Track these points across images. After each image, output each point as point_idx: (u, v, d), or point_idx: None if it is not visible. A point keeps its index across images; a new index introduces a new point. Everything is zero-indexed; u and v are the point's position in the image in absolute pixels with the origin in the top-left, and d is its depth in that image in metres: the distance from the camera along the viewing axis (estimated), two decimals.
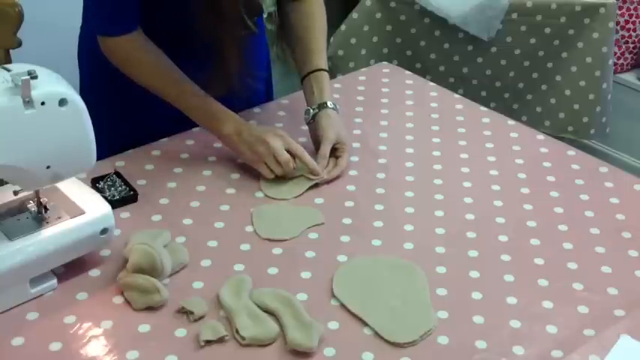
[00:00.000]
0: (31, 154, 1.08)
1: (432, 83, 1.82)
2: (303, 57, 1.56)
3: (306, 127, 1.59)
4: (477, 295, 1.18)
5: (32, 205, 1.18)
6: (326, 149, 1.44)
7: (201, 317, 1.12)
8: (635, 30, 2.93)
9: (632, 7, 2.87)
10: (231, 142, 1.42)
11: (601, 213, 1.38)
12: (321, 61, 1.55)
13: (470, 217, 1.36)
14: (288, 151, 1.40)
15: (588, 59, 2.58)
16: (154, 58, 1.42)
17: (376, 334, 1.11)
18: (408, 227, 1.33)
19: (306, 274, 1.21)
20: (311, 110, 1.50)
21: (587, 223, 1.35)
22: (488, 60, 2.64)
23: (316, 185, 1.42)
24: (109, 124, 1.52)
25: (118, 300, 1.15)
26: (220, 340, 1.08)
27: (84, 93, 1.56)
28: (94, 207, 1.18)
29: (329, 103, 1.50)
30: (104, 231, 1.18)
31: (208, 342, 1.08)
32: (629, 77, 3.01)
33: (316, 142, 1.49)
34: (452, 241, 1.29)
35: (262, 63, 1.66)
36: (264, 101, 1.69)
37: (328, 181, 1.43)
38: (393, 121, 1.64)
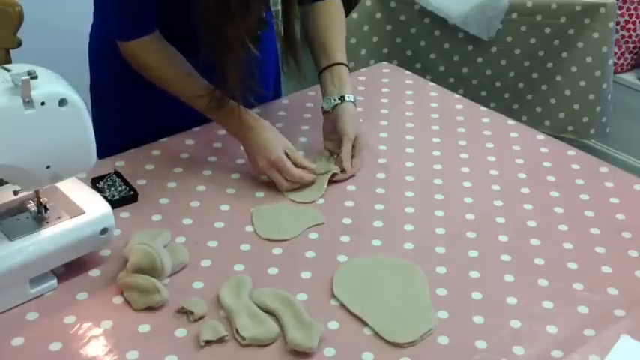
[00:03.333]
0: (31, 154, 1.08)
1: (432, 83, 1.82)
2: (321, 52, 1.54)
3: (306, 127, 1.59)
4: (476, 295, 1.18)
5: (32, 205, 1.18)
6: (348, 147, 1.43)
7: (201, 317, 1.12)
8: (635, 30, 2.93)
9: (632, 7, 2.87)
10: (248, 155, 1.43)
11: (601, 213, 1.38)
12: (340, 55, 1.53)
13: (470, 217, 1.36)
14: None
15: (588, 59, 2.58)
16: (167, 63, 1.41)
17: (376, 334, 1.11)
18: (408, 227, 1.33)
19: (306, 274, 1.21)
20: (332, 100, 1.47)
21: (587, 223, 1.35)
22: (488, 60, 2.64)
23: None
24: (118, 122, 1.53)
25: (118, 300, 1.15)
26: (220, 340, 1.08)
27: (95, 91, 1.57)
28: (94, 207, 1.18)
29: (350, 97, 1.48)
30: (104, 231, 1.18)
31: (208, 342, 1.08)
32: (629, 77, 3.02)
33: (330, 133, 1.48)
34: (452, 241, 1.29)
35: (264, 66, 1.65)
36: (271, 99, 1.68)
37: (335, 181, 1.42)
38: (393, 121, 1.64)
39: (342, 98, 1.47)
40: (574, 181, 1.46)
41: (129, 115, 1.56)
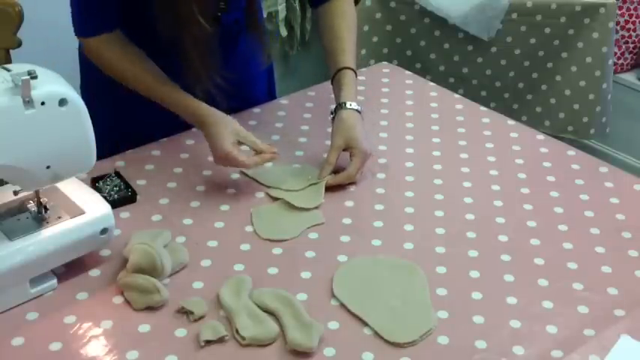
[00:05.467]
0: (31, 154, 1.08)
1: (432, 83, 1.82)
2: (329, 60, 1.53)
3: (306, 127, 1.59)
4: (476, 295, 1.18)
5: (32, 205, 1.18)
6: (331, 157, 1.41)
7: (201, 317, 1.12)
8: (635, 30, 2.93)
9: (632, 7, 2.87)
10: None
11: (601, 213, 1.38)
12: (347, 59, 1.50)
13: (470, 217, 1.36)
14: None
15: (588, 59, 2.58)
16: (123, 60, 1.41)
17: (376, 334, 1.11)
18: (408, 227, 1.33)
19: (306, 274, 1.21)
20: (332, 110, 1.46)
21: (587, 223, 1.35)
22: (488, 60, 2.64)
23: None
24: (109, 123, 1.52)
25: (118, 300, 1.15)
26: (220, 340, 1.08)
27: (84, 92, 1.57)
28: (94, 207, 1.18)
29: (348, 104, 1.44)
30: (104, 231, 1.18)
31: (208, 342, 1.08)
32: (629, 77, 3.01)
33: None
34: (452, 241, 1.29)
35: (255, 65, 1.64)
36: (265, 100, 1.68)
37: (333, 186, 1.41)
38: (393, 121, 1.64)
39: (338, 106, 1.45)
40: (574, 181, 1.46)
41: (118, 117, 1.56)
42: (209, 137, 1.38)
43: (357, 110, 1.45)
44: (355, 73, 1.51)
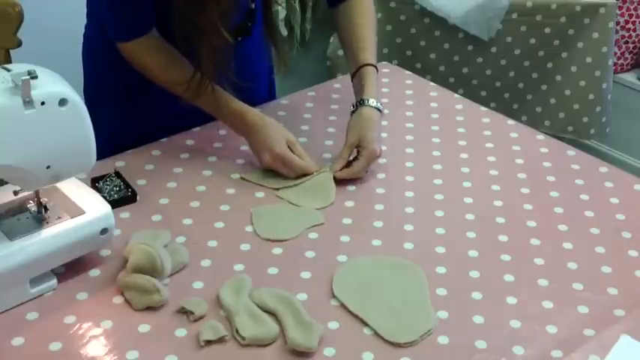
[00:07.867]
0: (31, 154, 1.08)
1: (432, 83, 1.82)
2: (349, 57, 1.55)
3: (306, 127, 1.59)
4: (477, 295, 1.18)
5: (32, 205, 1.18)
6: (344, 152, 1.43)
7: (201, 317, 1.12)
8: (635, 30, 2.93)
9: (632, 7, 2.87)
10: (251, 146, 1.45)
11: (601, 213, 1.38)
12: (367, 56, 1.51)
13: (470, 217, 1.36)
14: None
15: (588, 59, 2.58)
16: (164, 63, 1.41)
17: (376, 334, 1.11)
18: (408, 227, 1.33)
19: (306, 274, 1.21)
20: (352, 107, 1.47)
21: (587, 223, 1.35)
22: (488, 60, 2.64)
23: None
24: (112, 123, 1.52)
25: (118, 300, 1.15)
26: (220, 340, 1.08)
27: (87, 92, 1.57)
28: (94, 207, 1.18)
29: (367, 101, 1.45)
30: (104, 231, 1.18)
31: (208, 342, 1.08)
32: (629, 77, 3.02)
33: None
34: (452, 241, 1.29)
35: (259, 65, 1.65)
36: (266, 100, 1.68)
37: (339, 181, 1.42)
38: (393, 121, 1.64)
39: (360, 102, 1.46)
40: (574, 181, 1.46)
41: (122, 117, 1.56)
42: (263, 137, 1.40)
43: (377, 108, 1.45)
44: (377, 69, 1.52)
